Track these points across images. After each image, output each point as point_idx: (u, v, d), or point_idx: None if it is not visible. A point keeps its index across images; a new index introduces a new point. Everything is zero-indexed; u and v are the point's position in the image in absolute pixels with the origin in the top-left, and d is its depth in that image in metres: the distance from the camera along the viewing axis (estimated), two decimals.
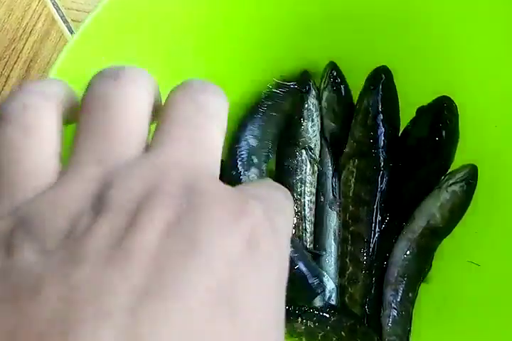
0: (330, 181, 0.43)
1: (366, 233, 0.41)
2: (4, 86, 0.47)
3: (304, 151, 0.43)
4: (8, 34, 0.47)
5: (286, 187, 0.42)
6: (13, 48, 0.47)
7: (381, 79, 0.41)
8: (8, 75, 0.47)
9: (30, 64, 0.47)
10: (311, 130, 0.43)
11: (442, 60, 0.39)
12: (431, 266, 0.41)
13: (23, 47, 0.47)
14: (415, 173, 0.41)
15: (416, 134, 0.41)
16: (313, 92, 0.43)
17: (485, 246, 0.39)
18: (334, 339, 0.39)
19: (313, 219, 0.43)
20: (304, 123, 0.43)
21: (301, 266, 0.40)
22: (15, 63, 0.47)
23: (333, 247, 0.42)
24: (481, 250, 0.39)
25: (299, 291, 0.40)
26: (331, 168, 0.43)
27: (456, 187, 0.39)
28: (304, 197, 0.43)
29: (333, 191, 0.43)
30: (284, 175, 0.44)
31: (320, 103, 0.44)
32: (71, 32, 0.47)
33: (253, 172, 0.44)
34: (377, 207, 0.41)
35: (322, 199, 0.43)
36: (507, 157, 0.39)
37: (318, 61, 0.44)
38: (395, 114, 0.42)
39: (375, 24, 0.40)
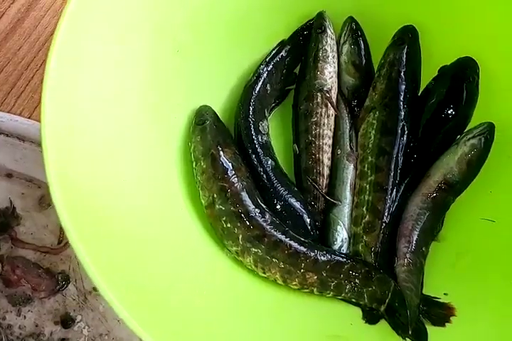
0: (347, 135, 0.43)
1: (386, 182, 0.40)
2: (12, 3, 0.44)
3: (319, 94, 0.43)
4: None
5: (301, 130, 0.42)
6: None
7: (408, 37, 0.42)
8: None
9: None
10: (327, 72, 0.42)
11: (467, 21, 0.41)
12: (443, 224, 0.41)
13: None
14: (433, 131, 0.42)
15: (437, 91, 0.42)
16: (329, 32, 0.43)
17: (499, 205, 0.40)
18: (348, 287, 0.37)
19: (329, 163, 0.42)
20: (319, 65, 0.43)
21: (297, 204, 0.40)
22: None
23: (348, 199, 0.41)
24: (494, 209, 0.40)
25: (295, 228, 0.39)
26: (347, 122, 0.43)
27: (474, 141, 0.40)
28: (319, 140, 0.42)
29: (350, 144, 0.42)
30: (299, 118, 0.43)
31: (339, 58, 0.44)
32: None
33: (265, 123, 0.43)
34: (397, 157, 0.40)
35: (339, 152, 0.43)
36: None
37: (339, 18, 0.44)
38: (417, 72, 0.43)
39: None
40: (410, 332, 0.34)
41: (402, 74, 0.42)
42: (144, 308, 0.29)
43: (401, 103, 0.41)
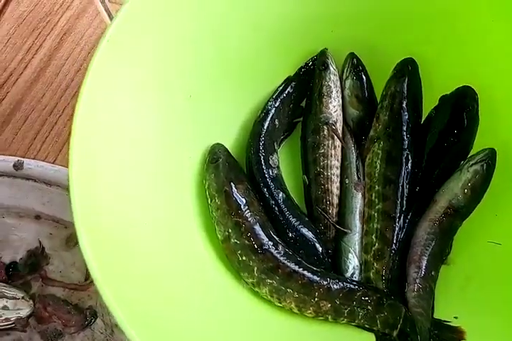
0: (354, 164, 0.44)
1: (393, 210, 0.42)
2: (35, 54, 0.47)
3: (325, 127, 0.45)
4: (44, 7, 0.48)
5: (310, 162, 0.44)
6: (48, 21, 0.48)
7: (408, 69, 0.44)
8: (41, 45, 0.47)
9: (63, 36, 0.48)
10: (331, 106, 0.45)
11: (465, 51, 0.43)
12: (451, 247, 0.42)
13: (58, 21, 0.48)
14: (437, 158, 0.43)
15: (438, 120, 0.44)
16: (332, 69, 0.45)
17: (505, 227, 0.41)
18: (361, 314, 0.39)
19: (338, 193, 0.44)
20: (324, 100, 0.45)
21: (308, 234, 0.41)
22: (48, 35, 0.48)
23: (358, 227, 0.43)
24: (501, 232, 0.41)
25: (308, 257, 0.41)
26: (354, 153, 0.45)
27: (477, 167, 0.41)
28: (328, 171, 0.44)
29: (357, 173, 0.44)
30: (307, 150, 0.45)
31: (343, 92, 0.46)
32: (107, 11, 0.49)
33: (275, 157, 0.45)
34: (403, 186, 0.42)
35: (347, 182, 0.44)
36: None
37: (340, 54, 0.46)
38: (418, 102, 0.44)
39: (398, 18, 0.44)
40: None
41: (403, 105, 0.44)
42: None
43: (404, 133, 0.43)
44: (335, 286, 0.39)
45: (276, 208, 0.42)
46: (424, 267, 0.40)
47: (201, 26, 0.41)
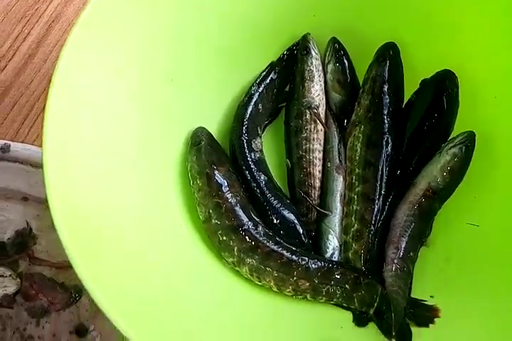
0: (336, 148, 0.45)
1: (372, 192, 0.42)
2: (23, 41, 0.48)
3: (308, 111, 0.45)
4: None
5: (293, 146, 0.45)
6: (36, 8, 0.49)
7: (389, 53, 0.45)
8: (29, 32, 0.48)
9: (51, 24, 0.49)
10: (314, 90, 0.45)
11: (446, 35, 0.43)
12: (431, 229, 0.43)
13: (46, 9, 0.49)
14: (418, 141, 0.44)
15: (419, 103, 0.44)
16: (314, 53, 0.46)
17: (484, 209, 0.42)
18: (338, 292, 0.40)
19: (320, 176, 0.44)
20: (306, 84, 0.45)
21: (289, 215, 0.42)
22: (36, 22, 0.48)
23: (338, 209, 0.44)
24: (480, 214, 0.42)
25: (289, 238, 0.41)
26: (336, 137, 0.46)
27: (455, 149, 0.42)
28: (310, 154, 0.45)
29: (339, 157, 0.45)
30: (290, 134, 0.46)
31: (325, 76, 0.47)
32: None
33: (258, 141, 0.46)
34: (382, 169, 0.43)
35: (329, 165, 0.45)
36: (504, 126, 0.42)
37: (323, 39, 0.47)
38: (400, 86, 0.45)
39: (380, 2, 0.44)
40: (394, 334, 0.36)
41: (384, 89, 0.44)
42: (144, 320, 0.33)
43: (384, 116, 0.44)
44: (313, 266, 0.40)
45: (258, 190, 0.43)
46: (402, 248, 0.41)
47: (184, 11, 0.42)
